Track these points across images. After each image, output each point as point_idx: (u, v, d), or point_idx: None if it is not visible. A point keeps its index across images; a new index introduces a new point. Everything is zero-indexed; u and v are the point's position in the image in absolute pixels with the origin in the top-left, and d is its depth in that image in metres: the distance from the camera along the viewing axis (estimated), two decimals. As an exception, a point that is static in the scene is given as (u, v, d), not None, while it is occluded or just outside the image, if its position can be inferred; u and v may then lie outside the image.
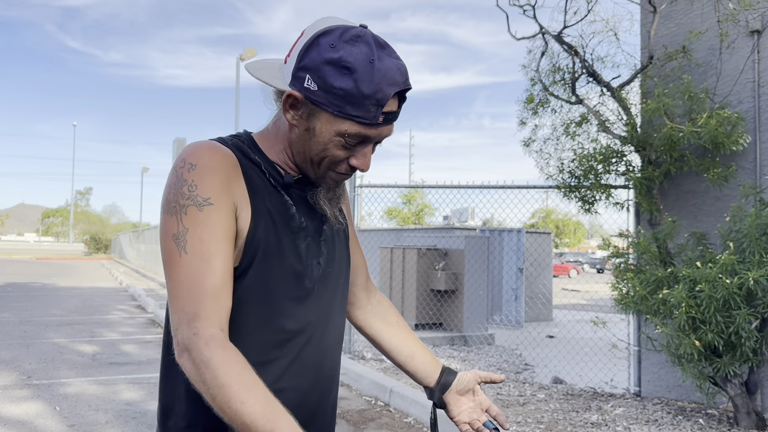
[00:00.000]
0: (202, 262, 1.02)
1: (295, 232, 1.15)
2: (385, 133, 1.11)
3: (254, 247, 1.09)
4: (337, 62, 1.03)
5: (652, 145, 5.17)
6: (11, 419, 4.77)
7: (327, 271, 1.21)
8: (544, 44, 5.98)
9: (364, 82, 1.03)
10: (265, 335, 1.12)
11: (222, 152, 1.09)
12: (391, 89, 1.05)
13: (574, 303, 17.54)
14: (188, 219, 1.03)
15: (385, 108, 1.06)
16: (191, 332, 0.99)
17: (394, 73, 1.05)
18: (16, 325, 9.83)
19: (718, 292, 3.92)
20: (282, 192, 1.15)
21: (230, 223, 1.06)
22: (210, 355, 0.96)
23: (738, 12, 5.03)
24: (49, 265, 35.19)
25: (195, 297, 1.01)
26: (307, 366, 1.17)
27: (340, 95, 1.04)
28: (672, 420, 4.57)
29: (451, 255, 9.85)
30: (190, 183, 1.04)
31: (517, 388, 5.77)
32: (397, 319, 1.44)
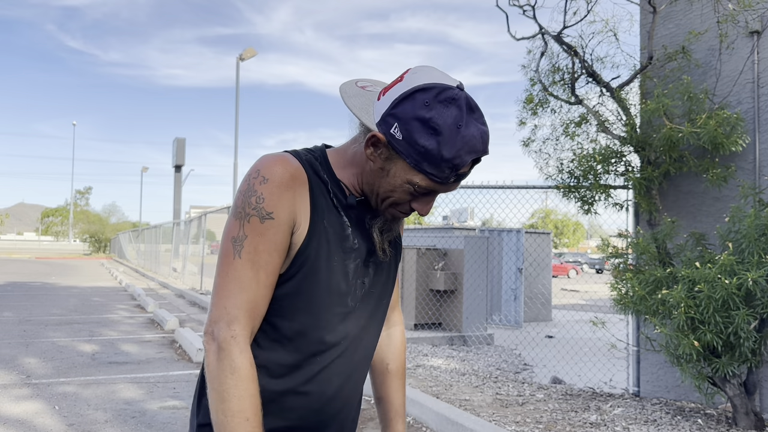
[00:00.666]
0: (252, 271, 1.12)
1: (347, 252, 1.21)
2: (453, 189, 1.17)
3: (303, 261, 1.16)
4: (427, 121, 1.08)
5: (652, 146, 5.18)
6: (10, 418, 4.77)
7: (371, 291, 1.27)
8: (543, 44, 5.99)
9: (447, 145, 1.08)
10: (303, 343, 1.19)
11: (293, 169, 1.16)
12: (469, 156, 1.10)
13: (573, 303, 17.54)
14: (250, 227, 1.13)
15: (459, 171, 1.12)
16: (230, 334, 1.11)
17: (476, 141, 1.10)
18: (16, 324, 9.82)
19: (717, 293, 3.93)
20: (342, 213, 1.21)
21: (285, 238, 1.15)
22: (240, 365, 1.09)
23: (737, 13, 5.03)
24: (49, 264, 35.17)
25: (239, 301, 1.12)
26: (335, 375, 1.23)
27: (421, 152, 1.09)
28: (671, 420, 4.57)
29: (450, 255, 9.85)
30: (258, 195, 1.13)
31: (516, 388, 5.77)
32: (392, 359, 1.47)
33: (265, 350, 1.18)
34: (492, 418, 4.56)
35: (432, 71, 1.15)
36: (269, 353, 1.18)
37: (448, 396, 5.29)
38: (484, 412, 4.74)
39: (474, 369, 6.90)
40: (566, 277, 34.33)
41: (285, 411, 1.19)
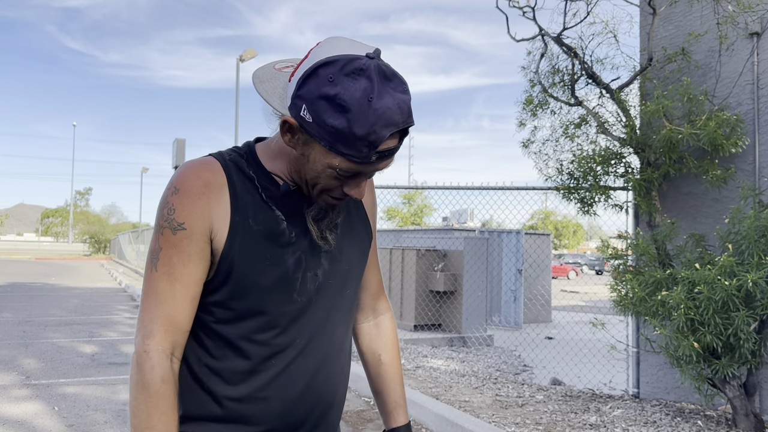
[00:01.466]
0: (168, 284, 1.10)
1: (284, 246, 1.15)
2: (381, 167, 1.08)
3: (228, 265, 1.11)
4: (333, 99, 1.00)
5: (651, 147, 5.18)
6: (10, 419, 4.77)
7: (328, 282, 1.21)
8: (543, 46, 5.99)
9: (357, 122, 0.99)
10: (252, 348, 1.14)
11: (206, 175, 1.12)
12: (386, 130, 1.01)
13: (573, 304, 17.54)
14: (164, 239, 1.11)
15: (380, 148, 1.03)
16: (143, 348, 1.09)
17: (392, 113, 1.01)
18: (15, 325, 9.82)
19: (717, 294, 3.93)
20: (273, 207, 1.16)
21: (201, 247, 1.11)
22: (149, 381, 1.07)
23: (737, 14, 5.03)
24: (49, 265, 35.16)
25: (155, 315, 1.10)
26: (298, 377, 1.17)
27: (332, 133, 1.01)
28: (670, 422, 4.57)
29: (450, 256, 9.85)
30: (170, 206, 1.11)
31: (515, 389, 5.77)
32: (384, 350, 1.41)
33: (218, 359, 1.15)
34: (491, 420, 4.56)
35: (339, 42, 1.07)
36: (222, 361, 1.14)
37: (448, 397, 5.28)
38: (484, 414, 4.74)
39: (474, 370, 6.90)
40: (566, 279, 34.32)
41: (247, 418, 1.15)
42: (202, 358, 1.15)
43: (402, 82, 1.05)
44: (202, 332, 1.16)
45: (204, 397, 1.15)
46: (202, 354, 1.15)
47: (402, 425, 1.36)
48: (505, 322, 12.02)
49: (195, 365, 1.16)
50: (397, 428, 1.36)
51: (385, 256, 10.49)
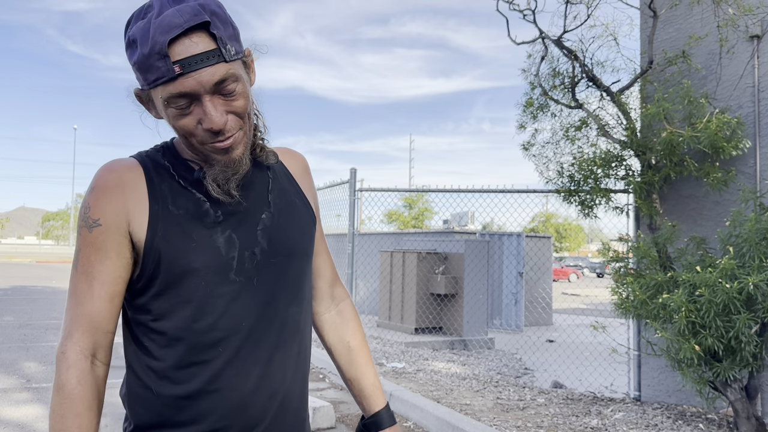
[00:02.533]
0: (86, 284, 1.09)
1: (210, 227, 1.12)
2: (205, 79, 1.01)
3: (154, 254, 1.09)
4: (130, 42, 1.03)
5: (652, 150, 5.18)
6: (10, 422, 4.76)
7: (270, 261, 1.16)
8: (543, 49, 5.99)
9: (143, 44, 1.00)
10: (194, 338, 1.10)
11: (120, 170, 1.11)
12: (166, 35, 0.98)
13: (574, 307, 17.52)
14: (81, 239, 1.10)
15: (174, 56, 0.99)
16: (61, 349, 1.08)
17: (170, 19, 0.99)
18: (16, 329, 9.82)
19: (718, 297, 3.92)
20: (193, 190, 1.13)
21: (119, 241, 1.09)
22: (65, 382, 1.05)
23: (738, 17, 5.04)
24: (50, 268, 35.18)
25: (74, 315, 1.09)
26: (250, 364, 1.12)
27: (138, 68, 1.03)
28: (672, 425, 4.56)
29: (451, 259, 9.85)
30: (86, 205, 1.10)
31: (516, 392, 5.76)
32: (352, 336, 1.38)
33: (160, 359, 1.10)
34: (493, 423, 4.55)
35: None
36: (164, 361, 1.10)
37: (449, 400, 5.28)
38: (485, 417, 4.73)
39: (475, 373, 6.89)
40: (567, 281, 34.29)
41: (202, 416, 1.09)
42: (147, 363, 1.12)
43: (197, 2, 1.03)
44: (142, 335, 1.12)
45: (156, 402, 1.10)
46: (146, 359, 1.12)
47: (383, 408, 1.33)
48: (506, 325, 12.00)
49: (141, 372, 1.12)
50: (378, 412, 1.32)
51: (386, 259, 10.48)
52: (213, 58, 1.01)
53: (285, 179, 1.26)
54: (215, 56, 1.01)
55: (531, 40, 6.10)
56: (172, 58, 0.99)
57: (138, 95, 1.11)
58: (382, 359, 7.20)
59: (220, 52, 1.02)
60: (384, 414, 1.33)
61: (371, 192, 7.40)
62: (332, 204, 8.14)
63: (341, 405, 5.39)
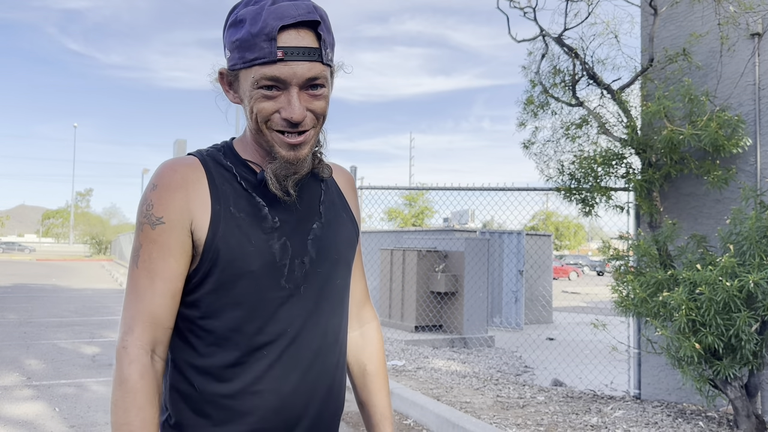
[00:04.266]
0: (148, 280, 1.10)
1: (268, 232, 1.14)
2: (300, 71, 1.06)
3: (213, 253, 1.11)
4: (236, 21, 1.08)
5: (653, 148, 5.18)
6: (11, 420, 4.77)
7: (317, 271, 1.19)
8: (544, 46, 5.99)
9: (253, 24, 1.05)
10: (241, 339, 1.12)
11: (183, 170, 1.13)
12: (278, 22, 1.04)
13: (574, 305, 17.53)
14: (143, 236, 1.11)
15: (280, 43, 1.05)
16: (122, 345, 1.09)
17: (285, 9, 1.05)
18: (17, 326, 9.83)
19: (719, 295, 3.92)
20: (254, 194, 1.16)
21: (181, 240, 1.11)
22: (127, 377, 1.06)
23: (738, 15, 5.03)
24: (50, 266, 35.19)
25: (135, 312, 1.10)
26: (290, 369, 1.15)
27: (238, 46, 1.07)
28: (672, 423, 4.57)
29: (451, 257, 9.85)
30: (149, 202, 1.11)
31: (516, 390, 5.76)
32: (369, 360, 1.38)
33: (205, 356, 1.13)
34: (493, 421, 4.56)
35: None
36: (210, 358, 1.13)
37: (449, 398, 5.28)
38: (485, 415, 4.74)
39: (475, 371, 6.89)
40: (567, 279, 34.30)
41: (242, 415, 1.12)
42: (190, 360, 1.14)
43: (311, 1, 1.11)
44: (188, 331, 1.15)
45: (198, 399, 1.13)
46: (190, 354, 1.14)
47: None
48: (506, 323, 12.01)
49: (184, 368, 1.14)
50: None
51: (386, 257, 10.48)
52: (313, 55, 1.07)
53: (335, 193, 1.30)
54: (315, 54, 1.07)
55: (531, 38, 6.09)
56: (278, 43, 1.04)
57: (222, 74, 1.15)
58: (383, 357, 7.20)
59: (320, 52, 1.07)
60: None
61: (371, 190, 7.40)
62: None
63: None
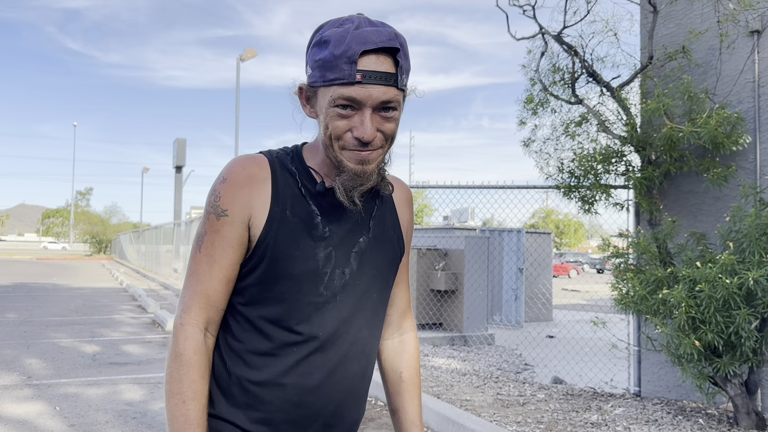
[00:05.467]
0: (207, 265, 1.19)
1: (317, 240, 1.21)
2: (376, 94, 1.11)
3: (263, 250, 1.18)
4: (320, 41, 1.13)
5: (652, 145, 5.18)
6: (12, 419, 4.77)
7: (355, 283, 1.24)
8: (543, 44, 5.98)
9: (336, 46, 1.10)
10: (275, 331, 1.20)
11: (252, 168, 1.21)
12: (360, 46, 1.09)
13: (574, 303, 17.54)
14: (209, 224, 1.20)
15: (360, 66, 1.09)
16: (180, 321, 1.18)
17: (368, 35, 1.10)
18: (17, 325, 9.83)
19: (718, 292, 3.92)
20: (310, 201, 1.22)
21: (240, 233, 1.19)
22: (182, 350, 1.15)
23: (738, 12, 5.03)
24: (50, 265, 35.18)
25: (193, 292, 1.19)
26: (315, 369, 1.21)
27: (320, 65, 1.12)
28: (672, 420, 4.57)
29: (451, 255, 9.85)
30: (217, 194, 1.20)
31: (517, 388, 5.77)
32: (406, 367, 1.44)
33: (240, 341, 1.21)
34: (493, 419, 4.56)
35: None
36: (244, 344, 1.21)
37: (449, 396, 5.28)
38: (485, 413, 4.74)
39: (475, 369, 6.90)
40: (567, 277, 34.30)
41: (264, 403, 1.20)
42: (226, 340, 1.22)
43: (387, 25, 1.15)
44: (229, 315, 1.23)
45: (226, 378, 1.21)
46: (229, 336, 1.22)
47: None
48: (506, 321, 12.01)
49: (222, 348, 1.22)
50: None
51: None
52: (389, 80, 1.12)
53: (388, 209, 1.35)
54: (392, 80, 1.12)
55: (531, 36, 6.08)
56: (357, 66, 1.09)
57: (302, 89, 1.21)
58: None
59: (396, 78, 1.12)
60: None
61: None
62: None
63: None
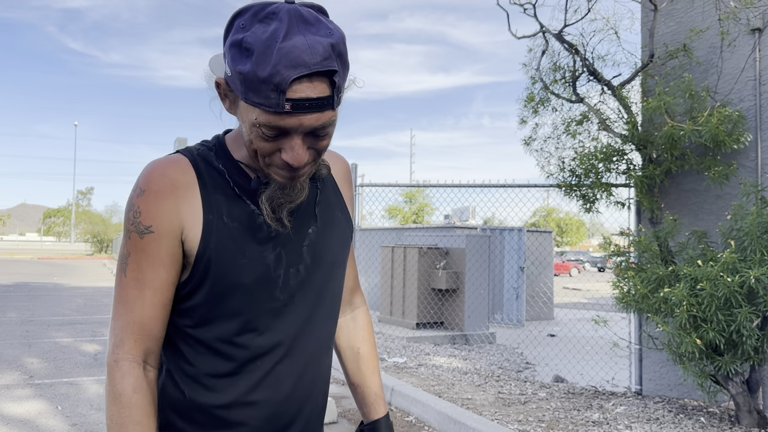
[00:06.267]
0: (137, 290, 1.06)
1: (263, 242, 1.10)
2: (308, 123, 0.97)
3: (205, 266, 1.06)
4: (240, 44, 0.95)
5: (653, 144, 5.17)
6: (13, 418, 4.78)
7: (311, 278, 1.16)
8: (544, 43, 5.98)
9: (260, 64, 0.92)
10: (234, 350, 1.09)
11: (173, 173, 1.07)
12: (291, 72, 0.91)
13: (575, 302, 17.53)
14: (131, 244, 1.06)
15: (290, 95, 0.93)
16: (113, 358, 1.05)
17: (299, 53, 0.91)
18: (18, 325, 9.84)
19: (720, 291, 3.92)
20: (248, 201, 1.10)
21: (172, 250, 1.06)
22: (120, 391, 1.03)
23: (739, 10, 5.02)
24: (51, 264, 35.22)
25: (125, 322, 1.06)
26: (283, 378, 1.13)
27: (241, 80, 0.95)
28: (673, 418, 4.57)
29: (452, 254, 9.85)
30: (136, 209, 1.05)
31: (518, 386, 5.77)
32: (362, 343, 1.38)
33: (195, 365, 1.10)
34: (494, 417, 4.56)
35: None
36: (200, 368, 1.10)
37: (451, 395, 5.28)
38: (487, 411, 4.74)
39: (476, 368, 6.89)
40: (568, 276, 34.30)
41: (235, 425, 1.10)
42: (181, 366, 1.11)
43: (327, 28, 0.96)
44: (179, 339, 1.11)
45: (188, 407, 1.10)
46: (180, 361, 1.11)
47: (383, 416, 1.35)
48: (507, 320, 12.01)
49: (175, 374, 1.11)
50: (378, 420, 1.34)
51: (387, 255, 10.48)
52: (325, 105, 0.96)
53: (331, 190, 1.24)
54: (327, 103, 0.96)
55: (532, 35, 6.08)
56: (287, 95, 0.93)
57: (219, 84, 1.04)
58: (384, 354, 7.21)
59: (332, 99, 0.97)
60: (383, 422, 1.34)
61: (372, 187, 7.40)
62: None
63: (343, 400, 5.40)
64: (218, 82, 1.04)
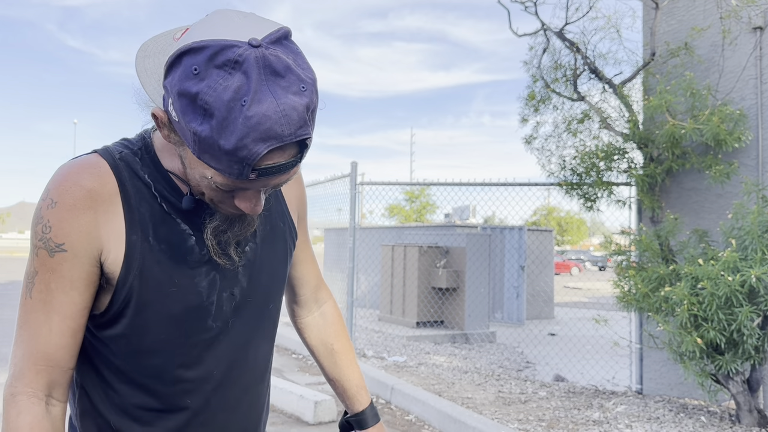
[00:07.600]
0: (44, 314, 0.92)
1: (195, 266, 0.96)
2: (273, 183, 0.85)
3: (127, 294, 0.93)
4: (194, 99, 0.77)
5: (654, 142, 5.16)
6: (12, 417, 4.77)
7: (248, 301, 1.04)
8: (545, 41, 5.97)
9: (223, 133, 0.77)
10: (159, 386, 0.98)
11: (91, 183, 0.91)
12: (262, 146, 0.77)
13: (576, 301, 17.53)
14: (39, 261, 0.91)
15: (257, 164, 0.80)
16: (9, 391, 0.92)
17: (271, 123, 0.77)
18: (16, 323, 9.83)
19: (720, 290, 3.91)
20: (178, 219, 0.96)
21: (88, 271, 0.92)
22: (15, 428, 0.90)
23: (740, 8, 5.00)
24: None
25: (27, 351, 0.92)
26: (219, 411, 1.03)
27: (195, 140, 0.80)
28: (674, 418, 4.56)
29: (452, 253, 9.84)
30: (45, 223, 0.90)
31: (518, 385, 5.76)
32: (335, 338, 1.31)
33: (120, 394, 0.98)
34: (494, 416, 4.55)
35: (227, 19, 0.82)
36: (126, 398, 0.98)
37: (451, 394, 5.28)
38: (487, 410, 4.73)
39: (476, 367, 6.89)
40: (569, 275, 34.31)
41: None
42: (105, 392, 0.99)
43: (300, 79, 0.80)
44: (100, 362, 0.99)
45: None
46: (104, 387, 0.99)
47: (367, 406, 1.29)
48: (507, 319, 12.01)
49: (98, 400, 0.99)
50: (363, 410, 1.29)
51: (387, 253, 10.48)
52: (292, 165, 0.84)
53: (271, 196, 1.11)
54: (295, 163, 0.83)
55: (533, 33, 6.07)
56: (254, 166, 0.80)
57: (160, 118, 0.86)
58: (384, 353, 7.21)
59: (301, 157, 0.84)
60: (368, 412, 1.29)
61: (372, 186, 7.39)
62: (333, 198, 8.13)
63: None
64: (157, 116, 0.86)
